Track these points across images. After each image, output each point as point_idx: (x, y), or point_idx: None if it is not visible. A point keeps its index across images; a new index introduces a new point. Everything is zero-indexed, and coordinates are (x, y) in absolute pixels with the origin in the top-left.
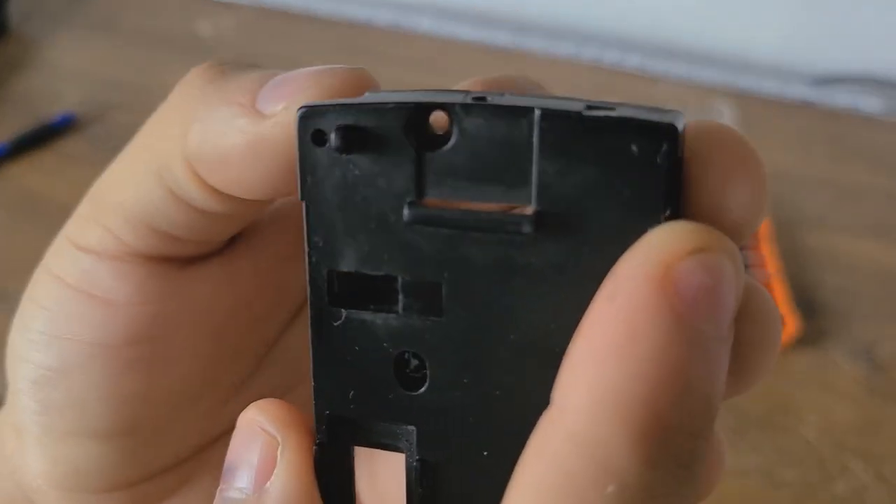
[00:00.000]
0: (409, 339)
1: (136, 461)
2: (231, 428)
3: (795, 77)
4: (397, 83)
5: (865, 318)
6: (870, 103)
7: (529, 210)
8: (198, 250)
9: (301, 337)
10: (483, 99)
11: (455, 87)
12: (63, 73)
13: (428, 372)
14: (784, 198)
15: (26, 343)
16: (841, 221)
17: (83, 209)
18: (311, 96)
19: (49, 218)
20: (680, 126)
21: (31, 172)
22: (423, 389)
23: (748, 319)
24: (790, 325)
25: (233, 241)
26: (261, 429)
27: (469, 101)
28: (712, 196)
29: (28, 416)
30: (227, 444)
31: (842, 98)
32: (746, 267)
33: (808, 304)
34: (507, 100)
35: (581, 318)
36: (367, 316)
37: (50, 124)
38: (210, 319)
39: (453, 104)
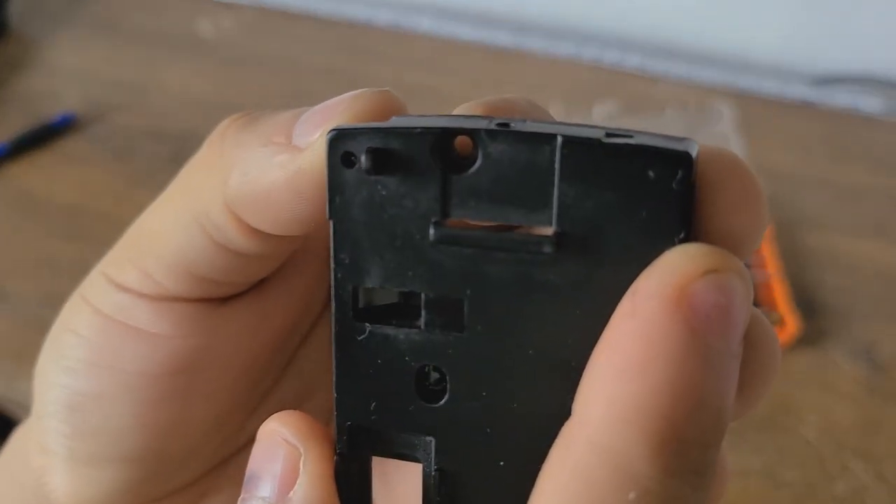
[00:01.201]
0: (431, 354)
1: (162, 482)
2: (250, 441)
3: (795, 77)
4: (397, 83)
5: (865, 318)
6: (870, 103)
7: (550, 231)
8: (235, 290)
9: (317, 349)
10: (507, 125)
11: (455, 109)
12: (63, 73)
13: (448, 385)
14: (784, 198)
15: (61, 369)
16: (841, 221)
17: (122, 249)
18: (344, 123)
19: (49, 218)
20: (694, 154)
21: (31, 172)
22: (442, 402)
23: (749, 345)
24: (790, 325)
25: (266, 276)
26: (283, 440)
27: (493, 126)
28: (721, 219)
29: (58, 438)
30: (245, 457)
31: (842, 98)
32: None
33: (808, 304)
34: (530, 126)
35: (598, 334)
36: (390, 331)
37: (50, 124)
38: (245, 352)
39: (478, 130)
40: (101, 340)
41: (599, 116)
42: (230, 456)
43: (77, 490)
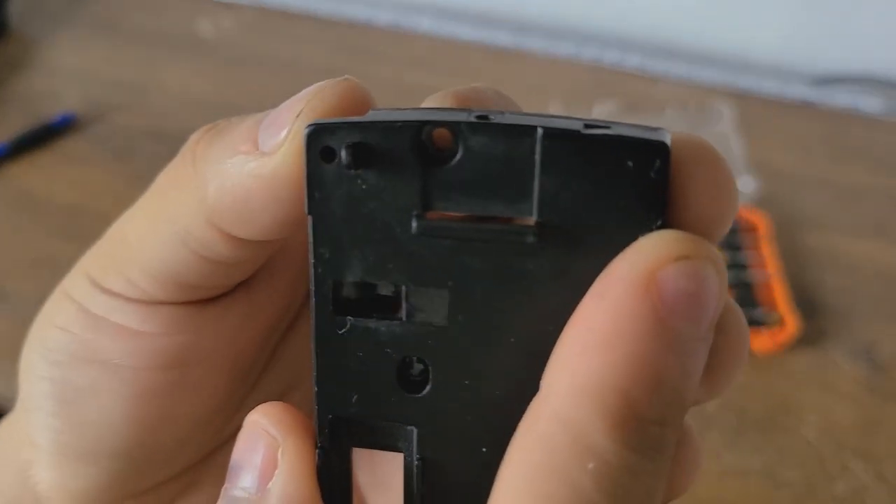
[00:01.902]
0: (413, 345)
1: (149, 475)
2: (236, 433)
3: (795, 77)
4: (397, 83)
5: (865, 318)
6: (869, 103)
7: (531, 221)
8: (221, 291)
9: (300, 340)
10: (486, 117)
11: (425, 100)
12: (63, 73)
13: (430, 375)
14: (784, 198)
15: (49, 363)
16: (841, 221)
17: (104, 253)
18: (307, 118)
19: (49, 218)
20: (669, 143)
21: (31, 172)
22: (424, 392)
23: (719, 331)
24: (790, 325)
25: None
26: (264, 431)
27: (473, 119)
28: (694, 205)
29: (45, 432)
30: (230, 449)
31: (842, 98)
32: (744, 268)
33: (807, 304)
34: (510, 118)
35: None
36: (371, 323)
37: (50, 124)
38: (233, 347)
39: (459, 122)
40: (89, 336)
41: (599, 116)
42: (217, 448)
43: (63, 483)
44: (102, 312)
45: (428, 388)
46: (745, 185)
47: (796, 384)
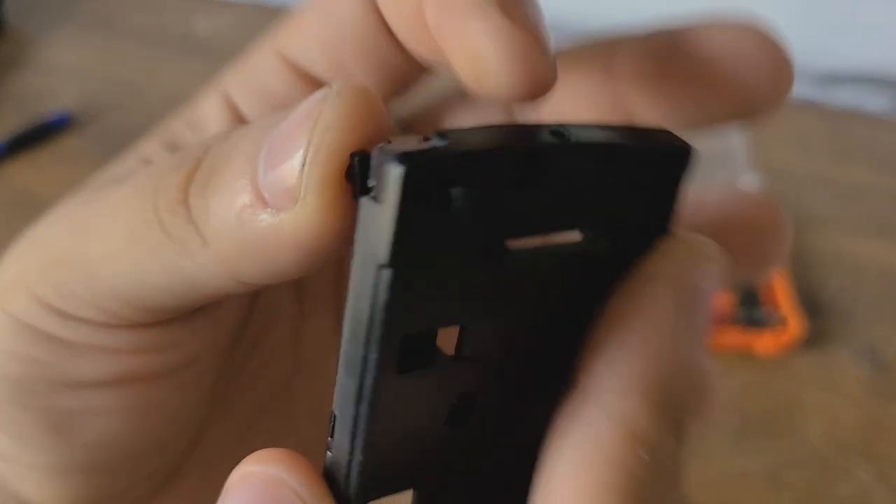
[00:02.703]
0: (467, 385)
1: (134, 481)
2: (215, 428)
3: (799, 76)
4: None
5: (870, 319)
6: (873, 102)
7: (585, 237)
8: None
9: (278, 334)
10: (563, 135)
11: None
12: (59, 72)
13: (479, 409)
14: (787, 197)
15: (20, 391)
16: (845, 221)
17: (58, 273)
18: (320, 153)
19: None
20: (691, 146)
21: (28, 171)
22: (469, 426)
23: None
24: (794, 325)
25: None
26: (293, 494)
27: (553, 139)
28: (749, 87)
29: (20, 452)
30: (211, 438)
31: (845, 97)
32: None
33: (812, 304)
34: (585, 135)
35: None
36: (431, 373)
37: (46, 123)
38: (223, 351)
39: (552, 146)
40: (58, 361)
41: None
42: (196, 442)
43: (48, 499)
44: (66, 336)
45: (473, 423)
46: (749, 183)
47: (800, 385)
